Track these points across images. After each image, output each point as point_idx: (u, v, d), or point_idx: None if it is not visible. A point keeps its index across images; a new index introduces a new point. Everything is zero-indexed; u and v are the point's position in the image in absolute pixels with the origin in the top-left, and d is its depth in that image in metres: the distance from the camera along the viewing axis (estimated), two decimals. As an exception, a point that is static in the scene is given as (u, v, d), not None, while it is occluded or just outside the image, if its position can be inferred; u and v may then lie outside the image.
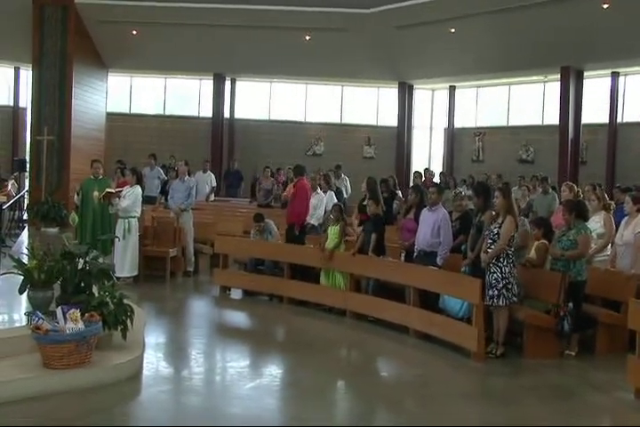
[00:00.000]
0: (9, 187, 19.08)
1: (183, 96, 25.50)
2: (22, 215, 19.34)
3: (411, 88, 23.87)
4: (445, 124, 24.26)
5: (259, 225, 12.47)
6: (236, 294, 12.37)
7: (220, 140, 23.63)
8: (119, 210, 12.46)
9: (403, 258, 10.63)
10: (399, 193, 15.98)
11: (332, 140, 24.02)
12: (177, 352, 8.51)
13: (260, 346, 9.07)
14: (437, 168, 23.24)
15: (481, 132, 23.07)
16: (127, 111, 24.83)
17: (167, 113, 25.00)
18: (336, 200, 14.48)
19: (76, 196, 13.43)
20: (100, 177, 12.95)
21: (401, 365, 8.57)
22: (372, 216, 10.64)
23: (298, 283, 11.45)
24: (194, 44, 21.35)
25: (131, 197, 12.50)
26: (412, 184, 18.19)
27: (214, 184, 19.82)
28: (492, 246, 8.57)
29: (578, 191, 11.53)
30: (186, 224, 13.66)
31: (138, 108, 25.02)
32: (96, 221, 12.56)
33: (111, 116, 23.56)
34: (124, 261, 12.37)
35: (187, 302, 12.24)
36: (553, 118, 20.79)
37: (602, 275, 9.16)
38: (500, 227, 8.59)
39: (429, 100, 25.02)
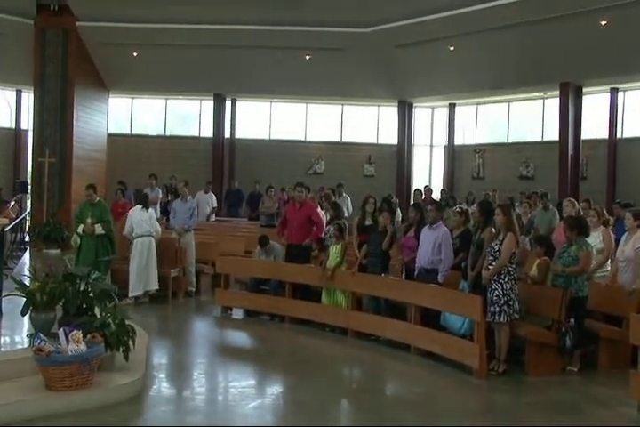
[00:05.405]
0: (9, 209, 19.10)
1: (184, 116, 25.63)
2: (24, 237, 19.40)
3: (410, 106, 23.98)
4: (445, 142, 24.30)
5: (265, 248, 12.49)
6: (237, 313, 12.38)
7: (221, 160, 23.70)
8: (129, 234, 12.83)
9: (403, 276, 10.63)
10: (399, 211, 16.01)
11: (332, 159, 24.07)
12: (179, 372, 8.52)
13: (262, 366, 9.06)
14: (438, 185, 23.29)
15: (481, 149, 23.11)
16: (128, 132, 24.93)
17: (168, 133, 25.09)
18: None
19: (74, 220, 13.42)
20: (97, 199, 12.81)
21: (403, 382, 8.56)
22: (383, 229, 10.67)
23: (299, 302, 11.44)
24: (194, 64, 21.50)
25: (127, 224, 12.85)
26: (412, 202, 18.21)
27: (215, 205, 19.84)
28: (494, 263, 8.59)
29: (579, 207, 11.55)
30: (188, 244, 13.72)
31: (139, 129, 25.12)
32: (83, 245, 12.47)
33: (112, 138, 23.69)
34: (150, 275, 12.62)
35: (188, 322, 12.23)
36: (553, 134, 20.84)
37: (603, 290, 9.18)
38: (500, 244, 8.62)
39: (429, 118, 25.08)
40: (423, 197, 18.32)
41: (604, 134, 20.12)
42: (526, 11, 17.31)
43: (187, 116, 25.54)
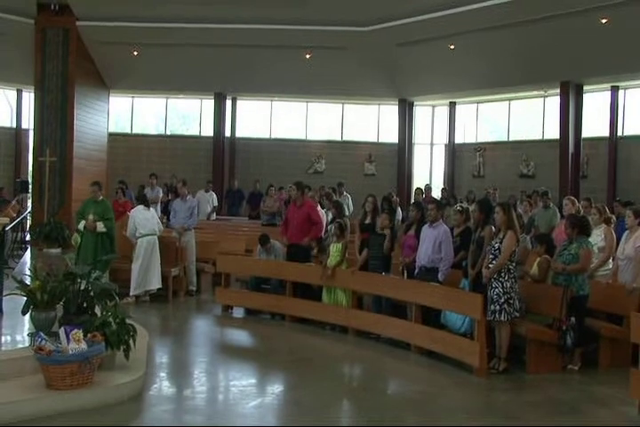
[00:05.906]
0: (10, 208, 19.11)
1: (184, 115, 25.65)
2: (25, 236, 19.41)
3: (411, 105, 23.97)
4: (446, 140, 24.28)
5: (265, 247, 12.50)
6: (238, 312, 12.39)
7: (222, 159, 23.67)
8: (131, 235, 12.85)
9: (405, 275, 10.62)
10: (399, 210, 16.01)
11: (333, 158, 24.06)
12: (180, 371, 8.53)
13: (262, 364, 9.07)
14: (438, 184, 23.29)
15: (481, 148, 23.07)
16: (129, 131, 24.94)
17: (168, 133, 25.12)
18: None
19: (76, 217, 13.45)
20: (101, 197, 12.86)
21: (403, 381, 8.56)
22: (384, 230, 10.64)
23: (300, 301, 11.46)
24: (194, 63, 21.49)
25: (129, 224, 12.85)
26: (413, 201, 18.21)
27: (216, 203, 19.89)
28: (494, 262, 8.59)
29: (579, 206, 11.55)
30: (188, 243, 13.73)
31: (139, 128, 25.14)
32: (83, 243, 12.51)
33: (113, 137, 23.66)
34: (152, 274, 12.65)
35: (189, 321, 12.24)
36: (553, 133, 20.82)
37: (604, 289, 9.18)
38: (500, 242, 8.62)
39: (430, 117, 25.05)
40: (424, 195, 18.32)
41: (605, 133, 20.08)
42: (527, 9, 17.27)
43: (187, 116, 25.57)
